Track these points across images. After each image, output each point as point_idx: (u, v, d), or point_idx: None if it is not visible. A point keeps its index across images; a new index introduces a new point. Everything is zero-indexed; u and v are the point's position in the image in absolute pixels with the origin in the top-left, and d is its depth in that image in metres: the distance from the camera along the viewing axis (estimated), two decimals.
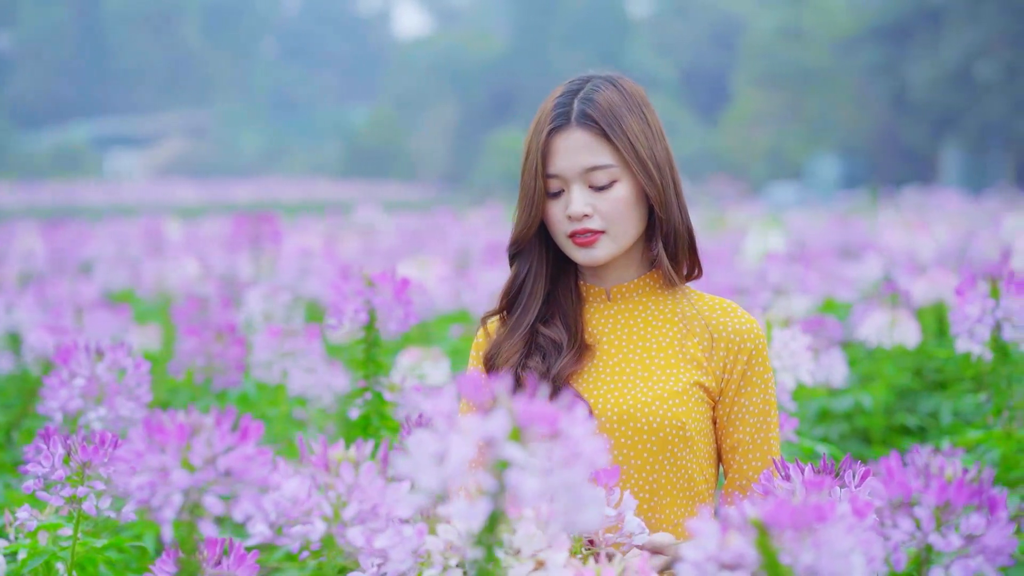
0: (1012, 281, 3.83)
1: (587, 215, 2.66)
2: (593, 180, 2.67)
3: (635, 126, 2.67)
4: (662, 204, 2.69)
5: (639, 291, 2.77)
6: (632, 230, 2.71)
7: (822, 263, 7.87)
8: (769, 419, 2.72)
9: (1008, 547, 1.92)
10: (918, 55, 41.34)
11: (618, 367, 2.71)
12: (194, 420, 1.91)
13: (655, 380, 2.67)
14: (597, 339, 2.75)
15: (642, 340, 2.73)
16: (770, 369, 2.73)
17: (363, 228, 14.73)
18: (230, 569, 2.25)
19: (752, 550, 1.77)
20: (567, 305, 2.77)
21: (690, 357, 2.69)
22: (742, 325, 2.72)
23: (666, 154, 2.71)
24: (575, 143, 2.67)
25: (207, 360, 4.80)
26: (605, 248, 2.69)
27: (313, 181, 49.98)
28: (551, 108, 2.72)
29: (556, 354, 2.70)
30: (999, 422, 3.93)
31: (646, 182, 2.66)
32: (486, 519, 1.73)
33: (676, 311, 2.75)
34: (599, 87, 2.70)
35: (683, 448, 2.65)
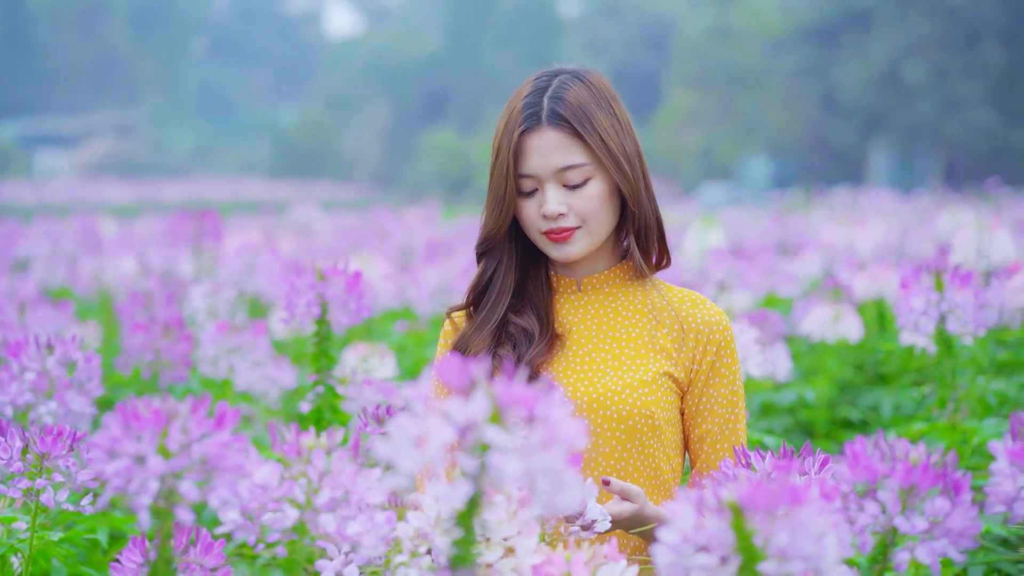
0: (956, 274, 3.89)
1: (562, 214, 2.68)
2: (567, 179, 2.68)
3: (605, 122, 2.68)
4: (635, 198, 2.71)
5: (609, 282, 2.80)
6: (607, 225, 2.73)
7: (762, 259, 7.94)
8: (737, 410, 2.75)
9: (972, 529, 1.95)
10: (847, 56, 41.73)
11: (588, 356, 2.73)
12: (170, 406, 1.91)
13: (625, 369, 2.70)
14: (567, 329, 2.77)
15: (612, 330, 2.75)
16: (737, 361, 2.76)
17: (300, 227, 14.68)
18: (197, 557, 2.25)
19: (727, 532, 1.79)
20: (538, 296, 2.79)
21: (660, 347, 2.72)
22: (711, 317, 2.75)
23: (635, 146, 2.73)
24: (547, 143, 2.67)
25: (154, 356, 4.78)
26: (581, 243, 2.71)
27: (244, 180, 49.73)
28: (521, 108, 2.70)
29: (527, 343, 2.72)
30: (944, 414, 3.99)
31: (619, 178, 2.68)
32: (467, 501, 1.74)
33: (646, 302, 2.77)
34: (567, 84, 2.70)
35: (651, 437, 2.67)
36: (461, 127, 51.30)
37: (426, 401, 1.76)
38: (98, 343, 6.76)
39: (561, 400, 1.73)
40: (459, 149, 45.68)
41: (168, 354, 4.80)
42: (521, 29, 58.22)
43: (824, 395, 5.51)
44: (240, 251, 7.15)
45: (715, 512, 1.81)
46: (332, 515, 2.00)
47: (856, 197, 23.03)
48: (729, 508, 1.80)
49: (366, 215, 19.86)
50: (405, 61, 59.32)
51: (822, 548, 1.78)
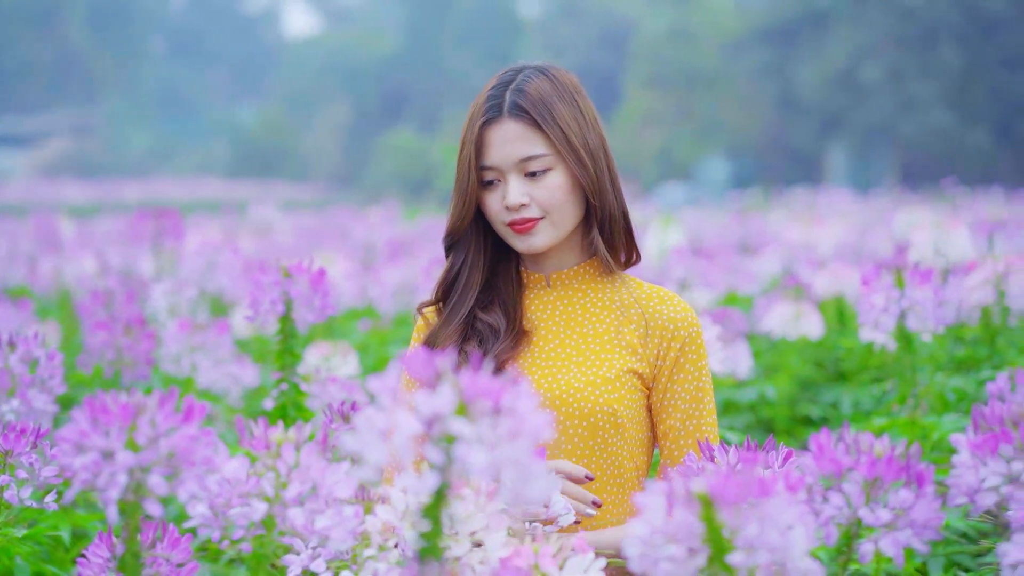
0: (916, 272, 3.93)
1: (524, 204, 2.69)
2: (528, 169, 2.69)
3: (567, 114, 2.70)
4: (596, 191, 2.72)
5: (578, 278, 2.81)
6: (570, 217, 2.74)
7: (722, 258, 7.98)
8: (701, 406, 2.75)
9: (935, 521, 1.97)
10: (804, 57, 41.93)
11: (553, 352, 2.74)
12: (137, 401, 1.91)
13: (588, 366, 2.71)
14: (535, 325, 2.78)
15: (579, 326, 2.76)
16: (704, 357, 2.77)
17: (259, 226, 14.64)
18: (164, 552, 2.25)
19: (697, 523, 1.81)
20: (507, 291, 2.80)
21: (625, 344, 2.73)
22: (677, 313, 2.75)
23: (600, 141, 2.74)
24: (508, 134, 2.69)
25: (116, 354, 4.76)
26: (544, 234, 2.72)
27: (202, 180, 49.52)
28: (484, 100, 2.73)
29: (493, 339, 2.73)
30: (904, 410, 4.03)
31: (579, 169, 2.69)
32: (434, 493, 1.75)
33: (614, 298, 2.78)
34: (530, 77, 2.73)
35: (614, 434, 2.68)
36: (420, 127, 51.25)
37: (395, 394, 1.77)
38: (58, 342, 6.72)
39: (528, 392, 1.74)
40: (418, 149, 45.63)
41: (130, 352, 4.78)
42: (480, 29, 58.23)
43: (785, 392, 5.54)
44: (201, 250, 7.13)
45: (684, 504, 1.82)
46: (301, 509, 2.01)
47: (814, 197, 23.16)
48: (698, 500, 1.81)
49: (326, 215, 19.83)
50: (364, 61, 59.25)
51: (789, 539, 1.80)
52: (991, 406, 2.09)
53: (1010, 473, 2.01)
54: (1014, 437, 2.03)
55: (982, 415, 2.08)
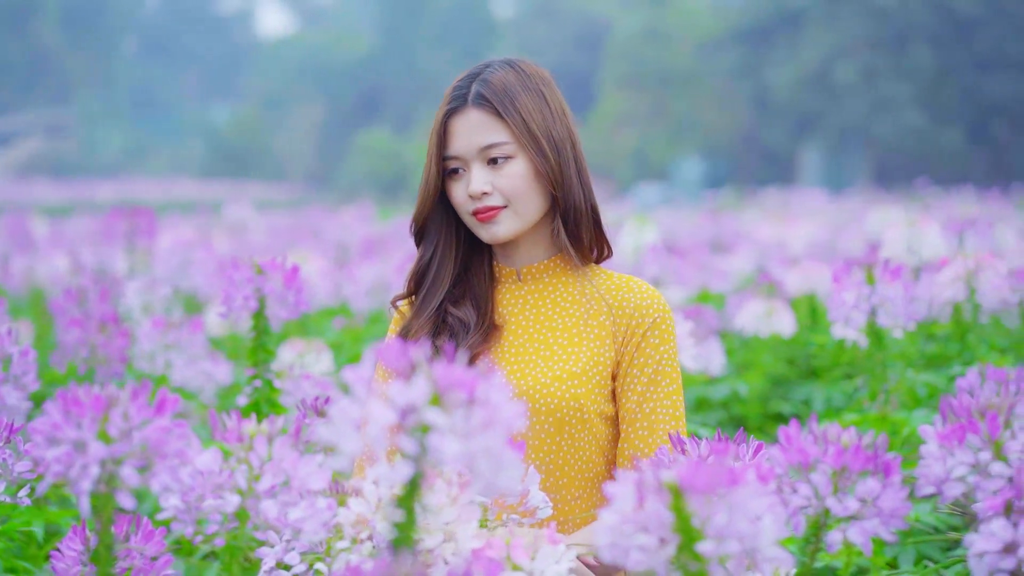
0: (887, 268, 3.95)
1: (486, 192, 2.72)
2: (490, 156, 2.72)
3: (529, 104, 2.72)
4: (558, 182, 2.73)
5: (549, 272, 2.82)
6: (534, 206, 2.75)
7: (695, 256, 8.01)
8: (659, 390, 2.72)
9: (902, 510, 1.99)
10: (778, 57, 42.07)
11: (522, 347, 2.75)
12: (110, 393, 1.92)
13: (555, 361, 2.72)
14: (506, 319, 2.80)
15: (548, 320, 2.77)
16: (670, 343, 2.75)
17: (234, 226, 14.61)
18: (138, 544, 2.26)
19: (667, 513, 1.82)
20: (479, 286, 2.82)
21: (593, 336, 2.73)
22: (643, 300, 2.76)
23: (567, 133, 2.76)
24: (471, 123, 2.72)
25: (90, 352, 4.75)
26: (507, 223, 2.74)
27: (176, 180, 49.39)
28: (450, 91, 2.77)
29: (464, 333, 2.74)
30: (874, 406, 4.05)
31: (540, 159, 2.71)
32: (407, 483, 1.76)
33: (583, 291, 2.79)
34: (497, 69, 2.76)
35: (581, 428, 2.69)
36: (395, 127, 51.23)
37: (370, 385, 1.78)
38: (31, 341, 6.70)
39: (501, 382, 1.76)
40: (393, 149, 45.59)
41: (104, 350, 4.77)
42: (455, 30, 58.24)
43: (757, 389, 5.56)
44: (175, 248, 7.13)
45: (654, 493, 1.84)
46: (273, 501, 2.02)
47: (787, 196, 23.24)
48: (668, 489, 1.83)
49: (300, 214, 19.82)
50: (338, 61, 59.20)
51: (759, 529, 1.82)
52: (959, 398, 2.11)
53: (977, 463, 2.03)
54: (981, 428, 2.05)
55: (950, 406, 2.10)
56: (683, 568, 1.83)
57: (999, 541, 1.90)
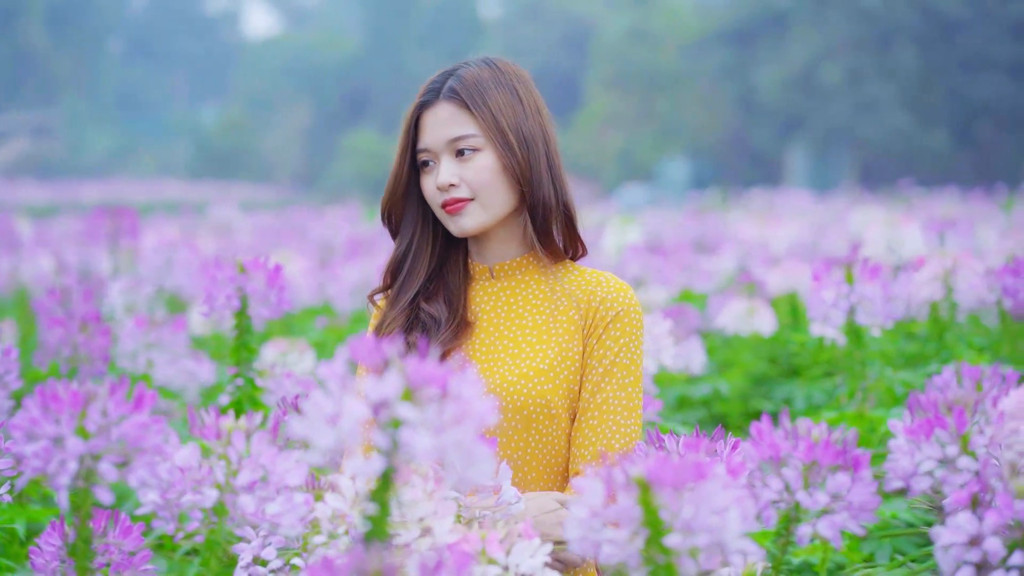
0: (865, 267, 3.99)
1: (453, 184, 2.75)
2: (458, 148, 2.76)
3: (500, 99, 2.76)
4: (525, 178, 2.76)
5: (521, 269, 2.84)
6: (501, 200, 2.78)
7: (678, 256, 8.04)
8: (612, 380, 2.73)
9: (871, 504, 2.02)
10: (764, 58, 42.13)
11: (491, 344, 2.78)
12: (88, 389, 1.94)
13: (523, 358, 2.74)
14: (478, 316, 2.82)
15: (518, 318, 2.80)
16: (633, 336, 2.76)
17: (220, 226, 14.62)
18: (117, 540, 2.28)
19: (635, 507, 1.85)
20: (453, 282, 2.85)
21: (561, 332, 2.76)
22: (608, 293, 2.78)
23: (540, 131, 2.79)
24: (441, 116, 2.77)
25: (72, 351, 4.76)
26: (474, 216, 2.77)
27: (163, 181, 49.28)
28: (424, 86, 2.82)
29: (436, 329, 2.77)
30: (852, 403, 4.09)
31: (506, 153, 2.74)
32: (381, 476, 1.79)
33: (554, 288, 2.81)
34: (472, 66, 2.81)
35: (549, 424, 2.71)
36: (382, 128, 51.17)
37: (344, 381, 1.80)
38: (15, 340, 6.71)
39: (473, 377, 1.78)
40: (380, 150, 45.55)
41: (86, 349, 4.79)
42: (441, 30, 58.23)
43: (738, 388, 5.60)
44: (158, 248, 7.15)
45: (623, 488, 1.87)
46: (251, 496, 2.04)
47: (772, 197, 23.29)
48: (636, 484, 1.86)
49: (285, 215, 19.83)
50: (325, 62, 59.15)
51: (725, 521, 1.84)
52: (928, 393, 2.14)
53: (944, 457, 2.06)
54: (948, 423, 2.08)
55: (918, 402, 2.13)
56: (651, 561, 1.86)
57: (965, 534, 1.92)
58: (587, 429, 2.71)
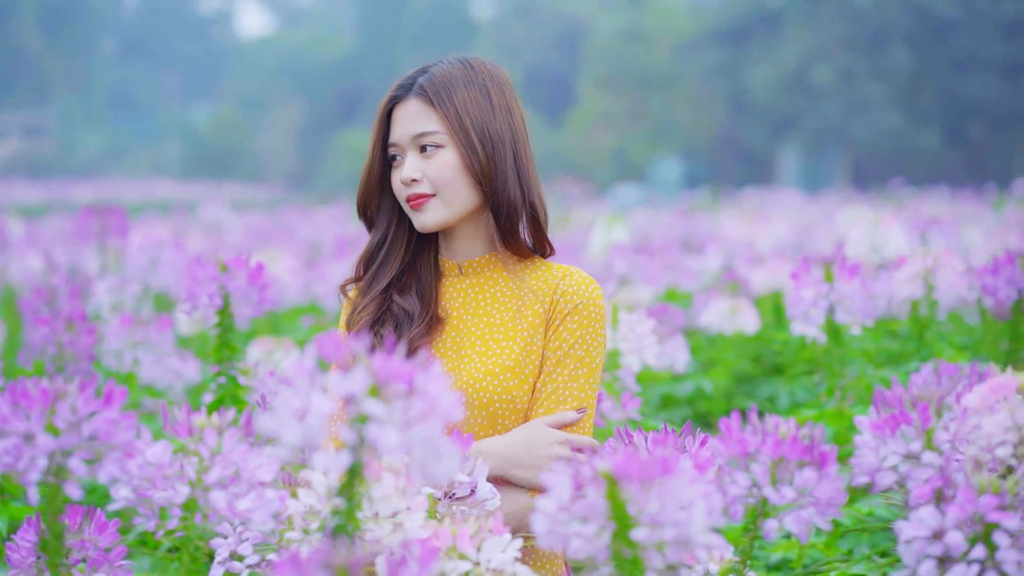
0: (844, 266, 4.02)
1: (415, 179, 2.78)
2: (421, 144, 2.78)
3: (467, 97, 2.78)
4: (487, 176, 2.77)
5: (489, 266, 2.86)
6: (462, 197, 2.79)
7: (665, 255, 8.06)
8: (564, 371, 2.75)
9: (838, 499, 2.04)
10: (757, 58, 42.17)
11: (459, 341, 2.81)
12: (58, 386, 1.96)
13: (489, 355, 2.76)
14: (448, 312, 2.85)
15: (485, 315, 2.82)
16: (588, 328, 2.77)
17: (210, 226, 14.63)
18: (92, 536, 2.29)
19: (602, 501, 1.87)
20: (425, 277, 2.87)
21: (526, 328, 2.78)
22: (570, 286, 2.80)
23: (508, 131, 2.81)
24: (408, 112, 2.80)
25: (57, 349, 4.78)
26: (435, 212, 2.79)
27: (155, 181, 49.24)
28: (397, 81, 2.86)
29: (408, 323, 2.80)
30: (831, 401, 4.11)
31: (468, 151, 2.76)
32: (347, 471, 1.80)
33: (522, 285, 2.83)
34: (444, 63, 2.84)
35: (515, 421, 2.74)
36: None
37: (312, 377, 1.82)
38: (2, 340, 6.72)
39: (439, 373, 1.80)
40: None
41: (71, 347, 4.80)
42: (434, 30, 58.26)
43: (722, 386, 5.62)
44: (144, 247, 7.15)
45: (590, 482, 1.89)
46: (223, 492, 2.06)
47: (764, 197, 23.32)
48: (603, 478, 1.88)
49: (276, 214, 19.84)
50: (318, 61, 59.17)
51: (690, 516, 1.86)
52: (893, 389, 2.16)
53: (908, 453, 2.09)
54: (913, 418, 2.10)
55: (883, 398, 2.15)
56: (618, 556, 1.88)
57: (927, 528, 1.94)
58: (532, 416, 2.74)
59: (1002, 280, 4.47)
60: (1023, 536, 1.91)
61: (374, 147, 2.85)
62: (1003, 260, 4.51)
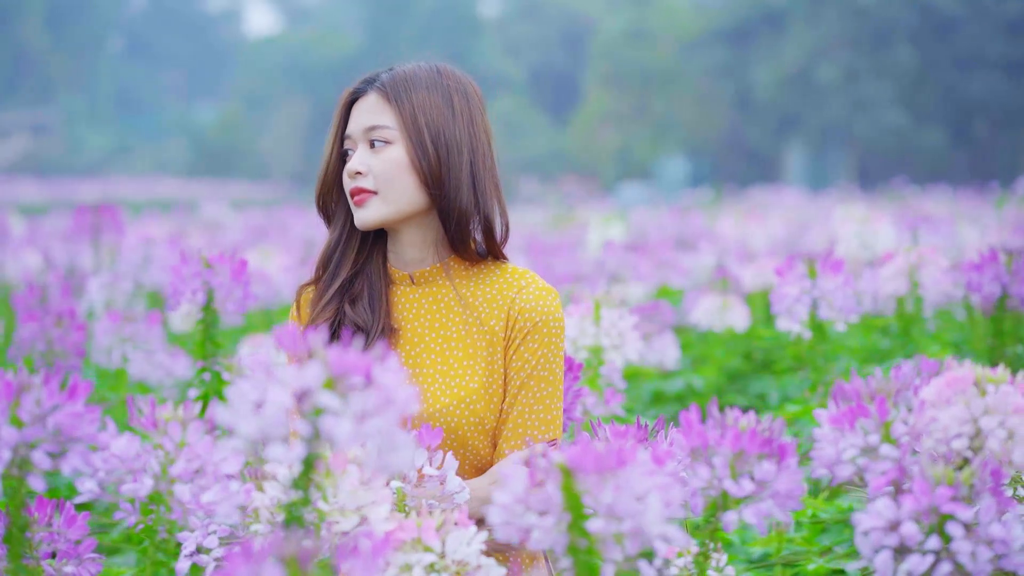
0: (828, 262, 4.03)
1: (360, 172, 2.76)
2: (371, 138, 2.77)
3: (427, 100, 2.76)
4: (436, 179, 2.74)
5: (440, 276, 2.82)
6: (404, 196, 2.75)
7: (659, 252, 8.06)
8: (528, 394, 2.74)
9: (797, 492, 2.05)
10: (761, 57, 42.18)
11: (419, 359, 2.77)
12: (22, 378, 1.97)
13: (454, 377, 2.74)
14: (401, 324, 2.81)
15: (443, 329, 2.78)
16: (548, 347, 2.76)
17: (210, 224, 14.65)
18: (61, 529, 2.31)
19: (558, 493, 1.89)
20: (376, 284, 2.82)
21: (486, 343, 2.75)
22: (528, 302, 2.76)
23: (467, 139, 2.77)
24: (365, 106, 2.80)
25: (47, 345, 4.80)
26: (375, 209, 2.76)
27: (159, 179, 49.25)
28: (362, 76, 2.86)
29: (362, 338, 2.76)
30: (816, 397, 4.12)
31: (417, 151, 2.73)
32: (302, 463, 1.82)
33: (477, 293, 2.80)
34: (413, 65, 2.83)
35: (482, 440, 2.73)
36: None
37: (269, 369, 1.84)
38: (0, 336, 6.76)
39: (395, 366, 1.81)
40: None
41: (60, 344, 4.82)
42: (440, 29, 58.23)
43: (712, 383, 5.63)
44: (136, 244, 7.18)
45: (546, 474, 1.90)
46: (187, 485, 2.08)
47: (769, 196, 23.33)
48: (558, 469, 1.89)
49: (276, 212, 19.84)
50: (324, 60, 59.17)
51: (645, 507, 1.88)
52: (851, 382, 2.17)
53: (866, 445, 2.10)
54: (871, 411, 2.12)
55: (842, 391, 2.17)
56: (574, 547, 1.89)
57: (883, 519, 1.96)
58: (502, 442, 2.74)
59: (987, 276, 4.48)
60: (977, 527, 1.92)
61: (331, 141, 2.84)
62: (987, 256, 4.53)
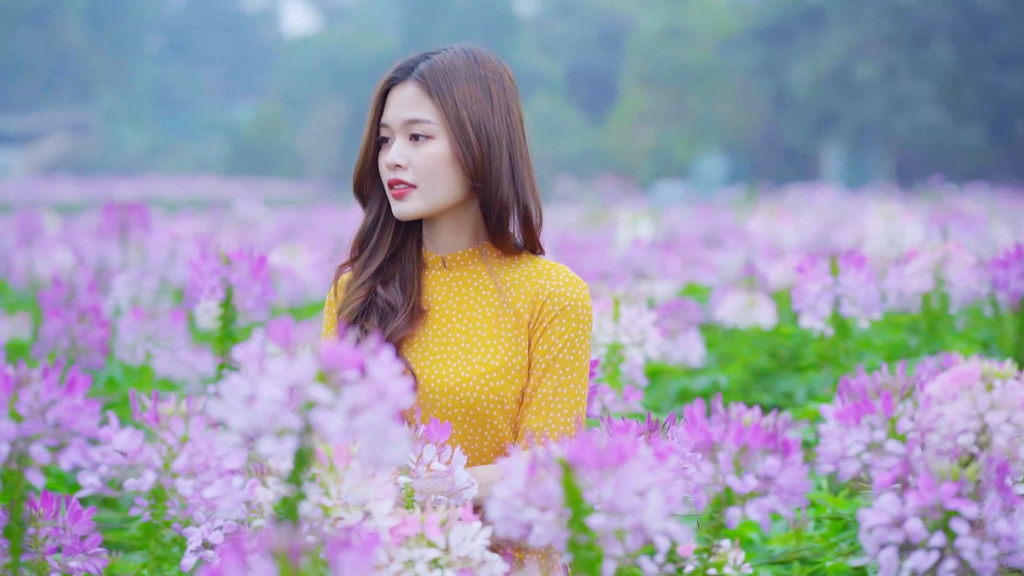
0: (850, 259, 4.00)
1: (399, 166, 2.76)
2: (412, 132, 2.76)
3: (467, 91, 2.75)
4: (480, 172, 2.75)
5: (473, 260, 2.84)
6: (444, 190, 2.76)
7: (687, 250, 8.03)
8: (554, 376, 2.75)
9: (801, 487, 2.03)
10: (799, 55, 42.01)
11: (445, 338, 2.79)
12: (21, 372, 1.97)
13: (476, 354, 2.75)
14: (431, 305, 2.83)
15: (471, 311, 2.81)
16: (576, 331, 2.76)
17: (242, 222, 14.69)
18: (66, 524, 2.31)
19: (558, 488, 1.87)
20: (408, 266, 2.85)
21: (512, 326, 2.76)
22: (557, 287, 2.78)
23: (506, 130, 2.78)
24: (404, 96, 2.78)
25: (71, 342, 4.82)
26: (414, 203, 2.77)
27: (197, 178, 49.43)
28: (398, 62, 2.84)
29: (391, 315, 2.79)
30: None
31: (460, 145, 2.73)
32: (294, 457, 1.81)
33: (506, 280, 2.81)
34: (448, 52, 2.81)
35: (503, 420, 2.73)
36: None
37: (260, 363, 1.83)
38: (28, 335, 6.78)
39: (388, 359, 1.80)
40: None
41: (84, 340, 4.84)
42: (476, 28, 58.22)
43: (738, 380, 5.60)
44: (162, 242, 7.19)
45: (547, 469, 1.89)
46: (190, 480, 2.07)
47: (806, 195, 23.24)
48: (559, 464, 1.88)
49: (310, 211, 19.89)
50: (360, 60, 59.26)
51: (645, 503, 1.86)
52: (857, 378, 2.15)
53: (872, 441, 2.08)
54: (876, 407, 2.10)
55: (848, 387, 2.14)
56: (574, 543, 1.88)
57: (888, 515, 1.94)
58: (525, 424, 2.74)
59: (1013, 273, 4.45)
60: (982, 524, 1.90)
61: (369, 127, 2.83)
62: (1014, 254, 4.49)
